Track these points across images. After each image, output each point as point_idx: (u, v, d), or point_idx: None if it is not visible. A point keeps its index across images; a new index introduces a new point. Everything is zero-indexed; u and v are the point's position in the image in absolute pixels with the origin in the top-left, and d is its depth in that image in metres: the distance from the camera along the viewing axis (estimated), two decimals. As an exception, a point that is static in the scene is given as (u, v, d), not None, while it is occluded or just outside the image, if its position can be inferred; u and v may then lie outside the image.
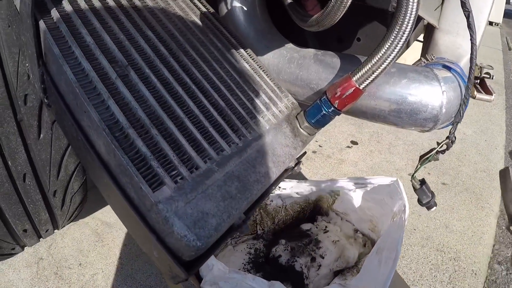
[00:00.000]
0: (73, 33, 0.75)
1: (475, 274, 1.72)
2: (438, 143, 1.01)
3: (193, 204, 0.59)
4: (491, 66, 1.24)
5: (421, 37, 1.66)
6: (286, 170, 0.86)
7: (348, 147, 2.64)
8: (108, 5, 0.85)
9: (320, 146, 2.59)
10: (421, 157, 1.08)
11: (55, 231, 1.69)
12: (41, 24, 0.74)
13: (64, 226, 1.79)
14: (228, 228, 0.66)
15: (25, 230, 1.30)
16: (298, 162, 0.89)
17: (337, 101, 0.86)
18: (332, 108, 0.87)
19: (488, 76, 1.27)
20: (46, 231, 1.59)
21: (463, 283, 1.64)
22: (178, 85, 0.75)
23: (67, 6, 0.80)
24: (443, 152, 1.02)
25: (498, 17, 8.85)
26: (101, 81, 0.68)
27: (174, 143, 0.66)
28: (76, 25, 0.77)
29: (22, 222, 1.23)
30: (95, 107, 0.65)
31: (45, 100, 0.79)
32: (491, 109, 3.65)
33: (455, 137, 1.00)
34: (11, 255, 1.51)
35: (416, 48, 1.70)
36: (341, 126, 2.91)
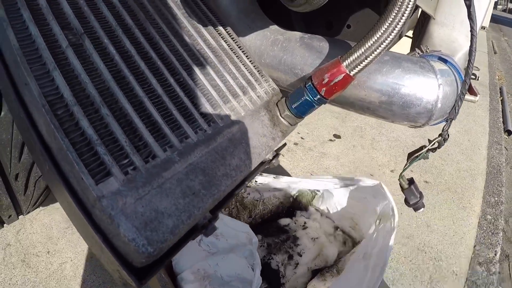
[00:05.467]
0: (25, -6, 0.64)
1: (456, 274, 1.69)
2: (430, 141, 0.92)
3: (146, 201, 0.49)
4: (477, 68, 1.17)
5: (410, 33, 1.59)
6: (262, 163, 0.76)
7: (331, 140, 2.57)
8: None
9: (302, 138, 2.51)
10: (409, 154, 1.00)
11: (20, 216, 1.61)
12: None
13: (29, 212, 1.68)
14: (191, 229, 0.56)
15: (-16, 216, 1.20)
16: (276, 155, 0.79)
17: (324, 88, 0.76)
18: (318, 96, 0.77)
19: (474, 77, 1.20)
20: (9, 217, 1.50)
21: (444, 283, 1.60)
22: (141, 59, 0.63)
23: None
24: (433, 150, 0.94)
25: (485, 21, 8.99)
26: (48, 49, 0.57)
27: (129, 126, 0.55)
28: (31, -13, 0.66)
29: (-20, 206, 1.11)
30: (36, 79, 0.54)
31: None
32: (475, 110, 3.64)
33: (448, 135, 0.92)
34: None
35: (403, 45, 1.62)
36: (324, 119, 2.83)
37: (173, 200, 0.51)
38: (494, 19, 11.94)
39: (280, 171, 2.11)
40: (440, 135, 0.93)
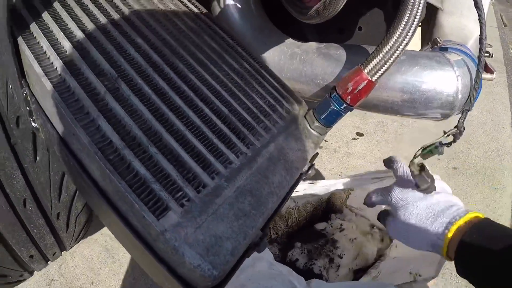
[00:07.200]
0: (55, 47, 0.67)
1: (496, 259, 1.67)
2: (445, 132, 0.88)
3: (204, 228, 0.52)
4: (489, 45, 1.16)
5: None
6: (300, 176, 0.79)
7: (354, 139, 2.57)
8: (92, 13, 0.79)
9: (325, 140, 2.53)
10: (424, 148, 0.95)
11: (63, 252, 1.67)
12: (20, 40, 0.67)
13: (71, 247, 1.74)
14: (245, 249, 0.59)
15: (31, 256, 1.25)
16: (311, 165, 0.83)
17: (349, 97, 0.80)
18: (345, 105, 0.80)
19: (488, 54, 1.18)
20: (53, 254, 1.55)
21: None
22: (175, 94, 0.67)
23: (48, 19, 0.73)
24: (448, 144, 0.88)
25: (491, -5, 8.76)
26: (88, 97, 0.61)
27: (176, 160, 0.59)
28: (59, 39, 0.70)
29: (27, 248, 1.18)
30: (84, 128, 0.57)
31: (33, 123, 0.72)
32: (494, 88, 3.57)
33: (464, 128, 0.89)
34: (20, 282, 1.49)
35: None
36: (345, 119, 2.81)
37: (228, 224, 0.55)
38: (499, -9, 11.61)
39: (309, 177, 2.13)
40: (456, 126, 0.89)
